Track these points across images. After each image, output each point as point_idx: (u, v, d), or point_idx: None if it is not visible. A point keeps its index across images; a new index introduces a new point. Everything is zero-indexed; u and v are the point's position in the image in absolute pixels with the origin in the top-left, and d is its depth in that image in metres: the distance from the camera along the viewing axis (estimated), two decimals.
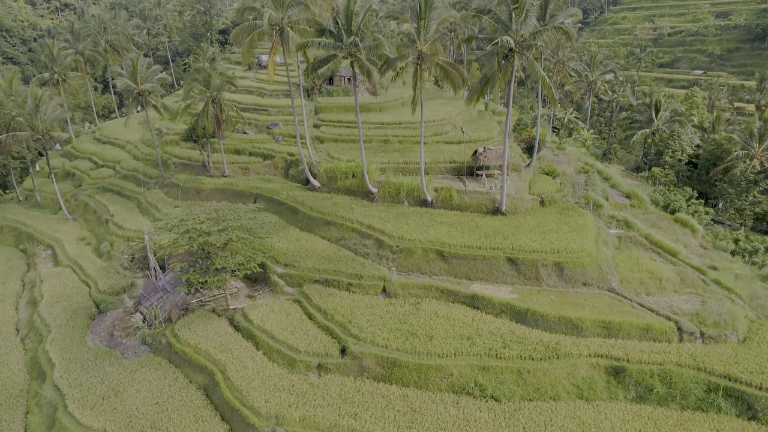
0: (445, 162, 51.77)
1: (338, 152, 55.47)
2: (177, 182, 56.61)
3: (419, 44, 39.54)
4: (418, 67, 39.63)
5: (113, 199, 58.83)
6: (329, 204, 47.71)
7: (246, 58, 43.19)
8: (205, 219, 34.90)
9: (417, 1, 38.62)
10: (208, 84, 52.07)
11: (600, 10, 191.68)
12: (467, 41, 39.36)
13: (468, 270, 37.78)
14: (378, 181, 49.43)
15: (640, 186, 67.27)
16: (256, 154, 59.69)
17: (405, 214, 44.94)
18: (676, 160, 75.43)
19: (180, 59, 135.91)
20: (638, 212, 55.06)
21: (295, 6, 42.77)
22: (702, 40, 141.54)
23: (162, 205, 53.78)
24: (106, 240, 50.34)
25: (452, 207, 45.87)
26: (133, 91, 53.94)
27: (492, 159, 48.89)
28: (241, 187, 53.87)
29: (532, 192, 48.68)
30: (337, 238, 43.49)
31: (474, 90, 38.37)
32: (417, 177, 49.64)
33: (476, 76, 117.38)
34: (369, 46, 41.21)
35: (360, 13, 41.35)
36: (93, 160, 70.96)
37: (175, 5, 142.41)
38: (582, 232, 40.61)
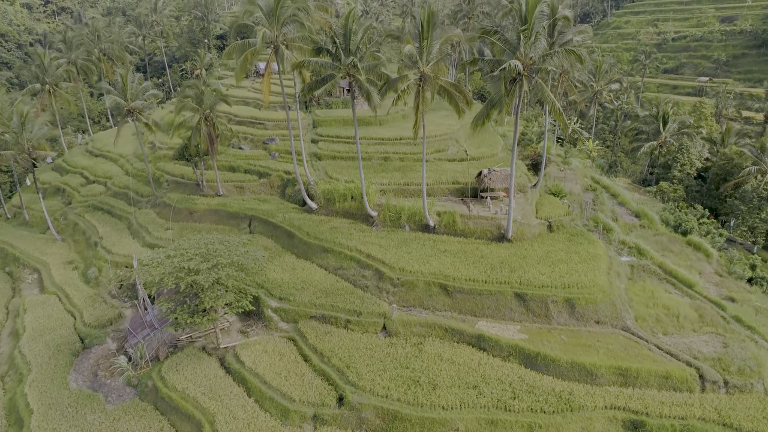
0: (447, 183, 49.64)
1: (337, 171, 53.33)
2: (169, 202, 54.47)
3: (421, 65, 37.40)
4: (420, 90, 37.47)
5: (103, 218, 56.69)
6: (327, 228, 45.57)
7: (239, 77, 41.02)
8: (193, 255, 32.72)
9: (418, 20, 36.46)
10: (201, 101, 49.91)
11: (602, 14, 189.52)
12: (472, 63, 37.16)
13: (473, 306, 35.64)
14: (378, 204, 47.28)
15: (648, 202, 65.22)
16: (252, 171, 57.52)
17: (406, 240, 42.78)
18: (685, 174, 73.33)
19: (177, 65, 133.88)
20: (648, 233, 52.99)
21: (291, 23, 40.62)
22: (707, 45, 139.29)
23: (153, 227, 51.61)
24: (94, 265, 48.18)
25: (456, 233, 43.70)
26: (123, 108, 51.75)
27: (497, 181, 46.74)
28: (236, 208, 51.73)
29: (539, 216, 46.54)
30: (335, 267, 41.32)
31: (480, 115, 36.21)
32: (418, 200, 47.50)
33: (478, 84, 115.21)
34: (368, 66, 39.06)
35: (359, 31, 39.21)
36: (84, 174, 68.83)
37: (172, 11, 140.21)
38: (593, 263, 38.46)
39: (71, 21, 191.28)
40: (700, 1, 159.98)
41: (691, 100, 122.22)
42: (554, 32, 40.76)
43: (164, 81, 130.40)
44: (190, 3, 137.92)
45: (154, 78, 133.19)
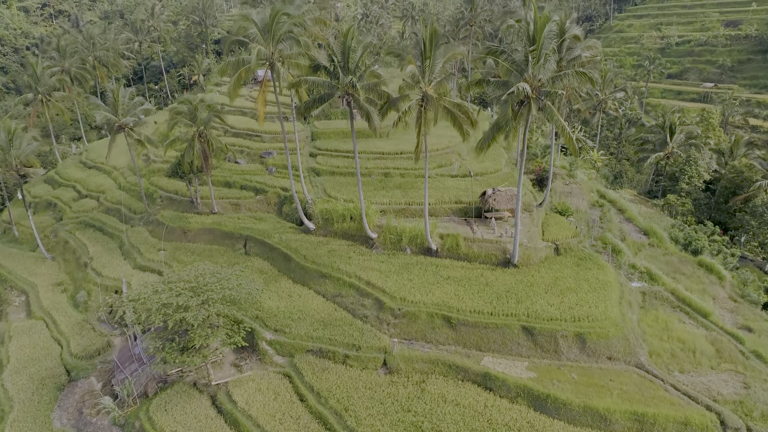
0: (450, 202, 47.86)
1: (336, 188, 51.58)
2: (162, 220, 52.67)
3: (423, 85, 35.65)
4: (422, 111, 35.71)
5: (94, 237, 54.93)
6: (325, 251, 43.78)
7: (233, 96, 39.25)
8: (182, 289, 30.91)
9: (420, 39, 34.69)
10: (194, 118, 48.15)
11: (605, 17, 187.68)
12: (477, 84, 35.39)
13: (478, 339, 33.84)
14: (378, 225, 45.49)
15: (656, 216, 63.51)
16: (248, 188, 55.77)
17: (407, 265, 40.99)
18: (693, 186, 71.56)
19: (174, 71, 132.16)
20: (658, 253, 51.26)
21: (287, 40, 38.83)
22: (711, 50, 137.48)
23: (145, 247, 49.83)
24: (84, 288, 46.41)
25: (459, 257, 41.90)
26: (113, 124, 49.96)
27: (502, 202, 44.95)
28: (230, 227, 49.95)
29: (545, 237, 44.75)
30: (333, 294, 39.54)
31: (485, 138, 34.43)
32: (420, 220, 45.73)
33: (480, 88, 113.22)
34: (368, 85, 37.28)
35: (358, 49, 37.43)
36: (77, 188, 67.07)
37: (169, 15, 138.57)
38: (604, 292, 36.65)
39: (68, 24, 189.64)
40: (704, 5, 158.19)
41: (696, 106, 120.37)
42: (562, 48, 39.02)
43: (161, 87, 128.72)
44: (188, 8, 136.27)
45: (151, 83, 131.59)
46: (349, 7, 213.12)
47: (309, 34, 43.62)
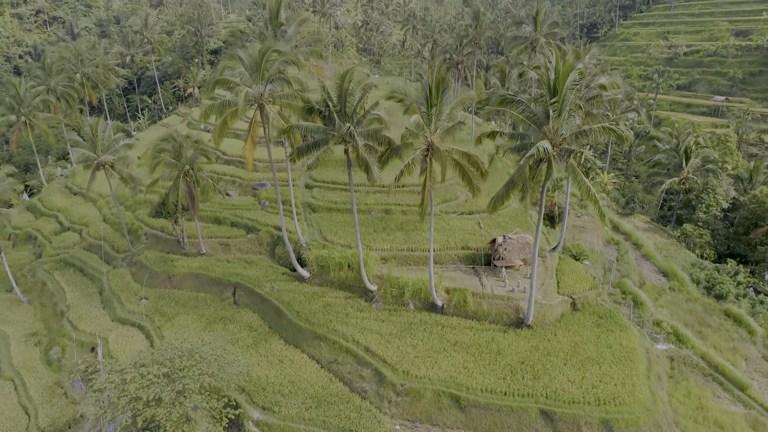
0: (456, 248, 44.12)
1: (333, 229, 47.86)
2: (146, 262, 48.94)
3: (429, 134, 31.93)
4: (427, 163, 31.98)
5: (74, 279, 51.18)
6: (320, 306, 40.03)
7: (218, 141, 35.55)
8: (154, 377, 27.16)
9: (425, 84, 30.96)
10: (179, 156, 44.42)
11: (609, 24, 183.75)
12: (490, 136, 31.63)
13: (491, 424, 30.09)
14: (378, 275, 41.77)
15: (672, 249, 59.81)
16: (239, 225, 52.01)
17: (410, 326, 37.23)
18: (711, 215, 67.81)
19: (169, 82, 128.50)
20: (680, 299, 47.58)
21: (278, 81, 35.09)
22: (721, 61, 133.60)
23: (126, 295, 46.09)
24: (58, 343, 42.69)
25: (467, 315, 38.16)
26: (92, 161, 46.21)
27: (514, 251, 41.20)
28: (219, 272, 46.20)
29: (561, 290, 41.05)
30: (328, 360, 35.79)
31: (498, 197, 30.63)
32: (424, 268, 42.07)
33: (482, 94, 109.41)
34: (367, 132, 33.57)
35: (356, 91, 33.69)
36: (59, 219, 63.31)
37: (163, 26, 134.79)
38: (630, 364, 32.91)
39: (63, 31, 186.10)
40: (712, 13, 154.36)
41: (707, 120, 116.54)
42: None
43: (155, 99, 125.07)
44: (183, 18, 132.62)
45: (144, 96, 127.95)
46: (349, 12, 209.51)
47: (305, 66, 39.90)
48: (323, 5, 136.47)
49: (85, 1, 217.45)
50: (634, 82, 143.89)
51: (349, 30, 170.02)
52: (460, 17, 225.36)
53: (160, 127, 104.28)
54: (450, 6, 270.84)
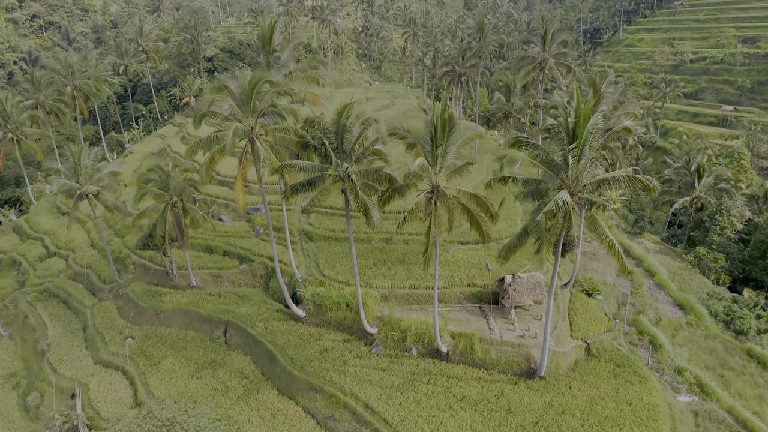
0: (462, 285, 41.44)
1: (330, 262, 45.19)
2: (132, 296, 46.26)
3: (434, 176, 29.24)
4: (432, 207, 29.27)
5: (57, 312, 48.49)
6: (316, 351, 37.34)
7: (206, 179, 32.86)
8: None
9: (431, 122, 28.25)
10: (167, 187, 41.72)
11: (613, 30, 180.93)
12: (501, 181, 28.94)
13: None
14: (378, 316, 39.06)
15: (686, 274, 57.20)
16: (232, 254, 49.35)
17: (413, 376, 34.53)
18: (725, 238, 65.05)
19: (165, 91, 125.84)
20: (698, 335, 44.94)
21: (270, 115, 32.38)
22: (729, 69, 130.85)
23: (111, 333, 43.40)
24: (37, 388, 39.97)
25: (474, 363, 35.44)
26: (75, 191, 43.51)
27: (524, 292, 38.47)
28: (209, 309, 43.51)
29: (574, 333, 38.36)
30: (324, 414, 33.10)
31: (510, 246, 27.91)
32: (427, 308, 39.45)
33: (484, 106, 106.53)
34: (367, 171, 30.87)
35: (355, 128, 30.99)
36: (45, 243, 60.59)
37: (159, 33, 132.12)
38: (652, 425, 30.22)
39: (59, 36, 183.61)
40: (718, 19, 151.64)
41: (715, 131, 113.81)
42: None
43: (151, 108, 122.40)
44: (179, 25, 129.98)
45: (140, 105, 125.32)
46: (348, 15, 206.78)
47: (299, 94, 37.22)
48: (322, 12, 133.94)
49: (82, 5, 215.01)
50: (639, 89, 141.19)
51: (349, 35, 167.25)
52: (462, 21, 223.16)
53: (155, 138, 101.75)
54: (451, 9, 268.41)
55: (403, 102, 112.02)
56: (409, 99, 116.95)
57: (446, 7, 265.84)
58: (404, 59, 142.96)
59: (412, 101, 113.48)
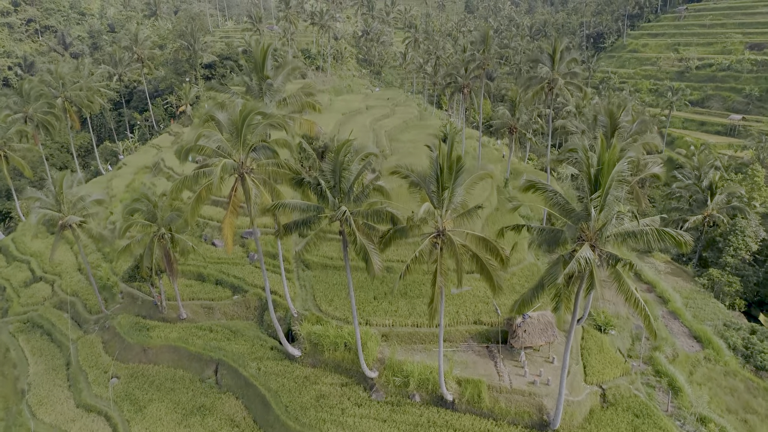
0: (468, 323, 38.96)
1: (328, 294, 42.72)
2: (119, 330, 43.76)
3: (440, 220, 26.76)
4: (438, 253, 26.80)
5: (40, 346, 45.99)
6: (312, 398, 34.84)
7: (191, 219, 30.38)
8: None
9: (436, 163, 25.76)
10: (154, 217, 39.23)
11: (617, 34, 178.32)
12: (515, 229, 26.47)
13: None
14: (379, 358, 36.56)
15: (700, 298, 54.82)
16: (225, 283, 46.86)
17: (416, 428, 32.04)
18: (739, 259, 62.54)
19: (161, 99, 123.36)
20: (717, 372, 42.54)
21: (262, 150, 29.89)
22: (736, 76, 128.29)
23: (95, 372, 40.89)
24: None
25: (482, 413, 32.93)
26: (56, 221, 41.04)
27: (535, 334, 35.94)
28: (199, 345, 40.99)
29: (588, 378, 35.86)
30: None
31: (524, 300, 25.40)
32: (431, 348, 37.01)
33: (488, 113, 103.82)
34: (367, 213, 28.39)
35: (353, 164, 28.49)
36: (32, 266, 58.09)
37: (155, 40, 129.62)
38: None
39: (55, 41, 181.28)
40: (724, 24, 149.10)
41: (723, 141, 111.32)
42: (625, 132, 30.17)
43: (147, 117, 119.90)
44: (175, 32, 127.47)
45: (135, 113, 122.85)
46: (349, 19, 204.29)
47: (294, 122, 34.75)
48: (321, 17, 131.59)
49: (79, 9, 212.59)
50: (644, 96, 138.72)
51: (349, 40, 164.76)
52: (463, 24, 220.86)
53: (150, 148, 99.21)
54: (452, 12, 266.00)
55: (403, 110, 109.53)
56: (410, 107, 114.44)
57: (447, 10, 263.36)
58: (405, 65, 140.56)
59: (413, 109, 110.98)
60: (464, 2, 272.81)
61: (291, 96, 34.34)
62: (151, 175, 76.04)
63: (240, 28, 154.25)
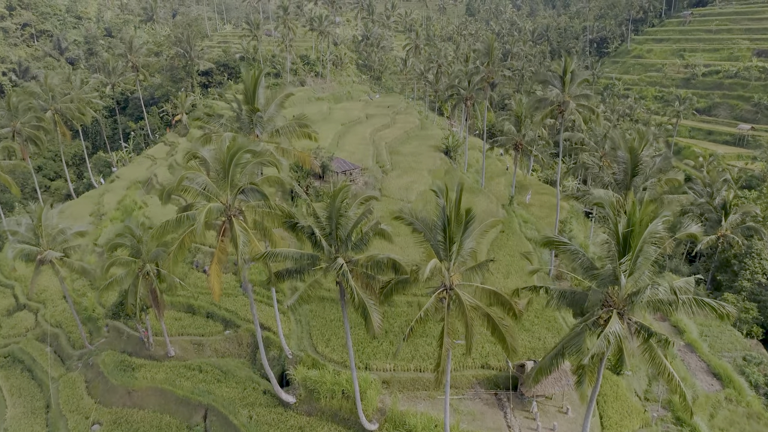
0: (475, 367, 36.43)
1: (325, 333, 40.19)
2: (102, 369, 41.08)
3: (447, 274, 24.12)
4: (445, 310, 24.18)
5: (20, 384, 43.35)
6: None
7: (173, 268, 27.78)
8: None
9: (443, 214, 23.12)
10: (138, 252, 36.61)
11: (620, 39, 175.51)
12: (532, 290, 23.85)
13: None
14: (379, 408, 33.94)
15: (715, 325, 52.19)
16: (216, 317, 44.30)
17: None
18: (755, 284, 59.86)
19: (156, 107, 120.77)
20: (739, 414, 40.11)
21: (251, 192, 27.24)
22: (743, 84, 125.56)
23: (75, 417, 38.19)
24: None
25: None
26: (35, 256, 38.38)
27: (548, 382, 33.31)
28: (187, 389, 38.29)
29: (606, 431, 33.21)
30: None
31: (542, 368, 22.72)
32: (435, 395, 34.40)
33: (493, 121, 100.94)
34: (366, 264, 25.76)
35: (351, 210, 25.86)
36: (15, 292, 55.49)
37: (150, 48, 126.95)
38: None
39: (50, 46, 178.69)
40: (730, 30, 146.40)
41: (732, 151, 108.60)
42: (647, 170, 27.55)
43: (142, 125, 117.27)
44: (171, 38, 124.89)
45: (130, 122, 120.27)
46: (349, 22, 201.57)
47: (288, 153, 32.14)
48: (321, 23, 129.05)
49: (75, 13, 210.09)
50: (649, 104, 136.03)
51: (349, 45, 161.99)
52: (464, 27, 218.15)
53: (144, 159, 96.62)
54: (453, 15, 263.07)
55: (404, 119, 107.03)
56: (411, 115, 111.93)
57: (448, 12, 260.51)
58: (405, 71, 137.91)
59: (413, 118, 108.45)
60: (465, 5, 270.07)
61: (284, 127, 31.70)
62: (144, 191, 73.45)
63: (238, 33, 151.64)
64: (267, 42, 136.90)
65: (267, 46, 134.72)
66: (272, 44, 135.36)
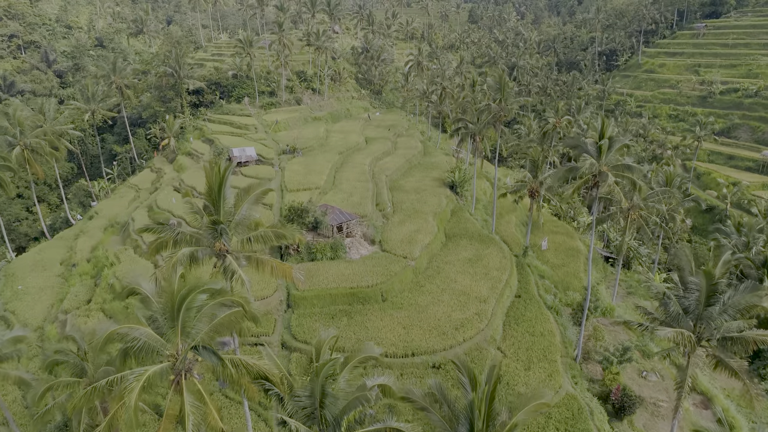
0: None
1: None
2: None
3: None
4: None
5: None
6: None
7: None
8: None
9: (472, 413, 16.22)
10: (82, 371, 29.66)
11: (630, 51, 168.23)
12: None
13: None
14: None
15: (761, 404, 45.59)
16: None
17: None
18: None
19: (143, 129, 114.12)
20: None
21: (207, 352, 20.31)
22: (764, 104, 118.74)
23: None
24: None
25: None
26: None
27: None
28: None
29: None
30: None
31: None
32: None
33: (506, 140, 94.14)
34: None
35: (341, 377, 18.99)
36: None
37: (135, 69, 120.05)
38: None
39: (38, 58, 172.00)
40: (748, 44, 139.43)
41: (756, 179, 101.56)
42: None
43: (128, 149, 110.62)
44: (159, 57, 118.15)
45: (116, 145, 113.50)
46: (348, 30, 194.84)
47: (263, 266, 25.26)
48: (318, 38, 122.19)
49: (65, 23, 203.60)
50: (664, 123, 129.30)
51: (348, 57, 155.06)
52: (467, 35, 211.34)
53: (127, 189, 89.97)
54: (455, 22, 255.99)
55: (406, 143, 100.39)
56: (413, 138, 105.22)
57: (450, 20, 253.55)
58: (407, 86, 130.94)
59: (416, 142, 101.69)
60: (468, 12, 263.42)
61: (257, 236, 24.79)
62: (120, 241, 66.42)
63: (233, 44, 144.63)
64: (261, 58, 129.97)
65: (261, 62, 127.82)
66: (267, 59, 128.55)
